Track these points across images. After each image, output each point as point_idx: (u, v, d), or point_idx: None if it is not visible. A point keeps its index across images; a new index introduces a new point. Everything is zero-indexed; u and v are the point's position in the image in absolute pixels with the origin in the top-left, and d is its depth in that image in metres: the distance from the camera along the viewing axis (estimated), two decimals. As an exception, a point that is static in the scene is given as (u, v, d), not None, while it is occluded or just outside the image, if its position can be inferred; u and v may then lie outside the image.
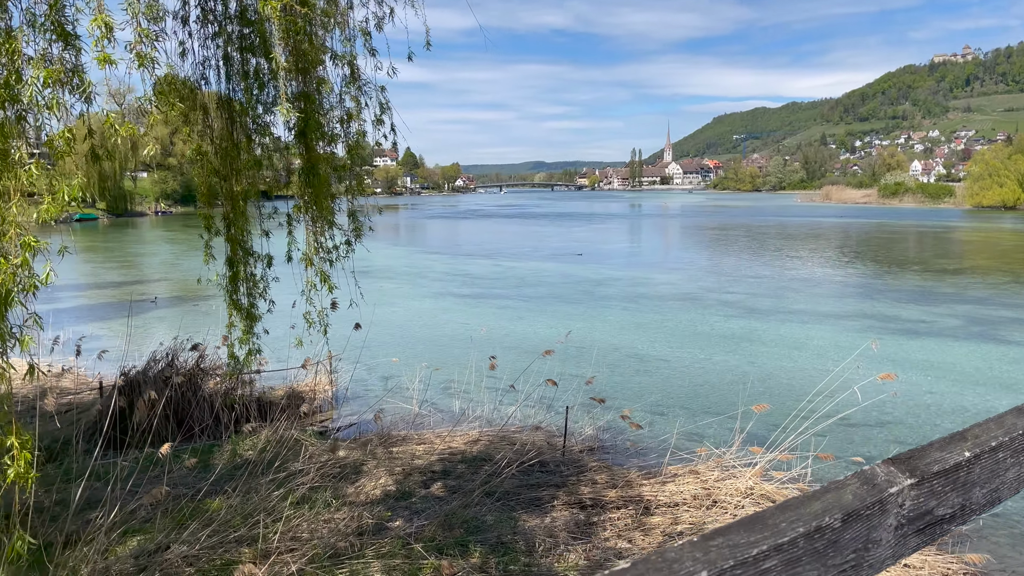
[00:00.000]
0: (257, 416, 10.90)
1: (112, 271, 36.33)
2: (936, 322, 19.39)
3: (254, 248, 5.11)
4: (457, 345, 17.19)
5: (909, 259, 36.53)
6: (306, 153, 4.39)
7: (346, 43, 4.33)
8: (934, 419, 11.74)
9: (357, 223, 5.18)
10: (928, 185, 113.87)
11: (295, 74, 4.05)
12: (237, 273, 4.86)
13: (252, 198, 4.96)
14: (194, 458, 8.83)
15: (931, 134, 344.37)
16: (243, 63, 4.14)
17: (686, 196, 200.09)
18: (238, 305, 5.01)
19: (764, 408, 8.11)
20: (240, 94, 4.74)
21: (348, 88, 4.64)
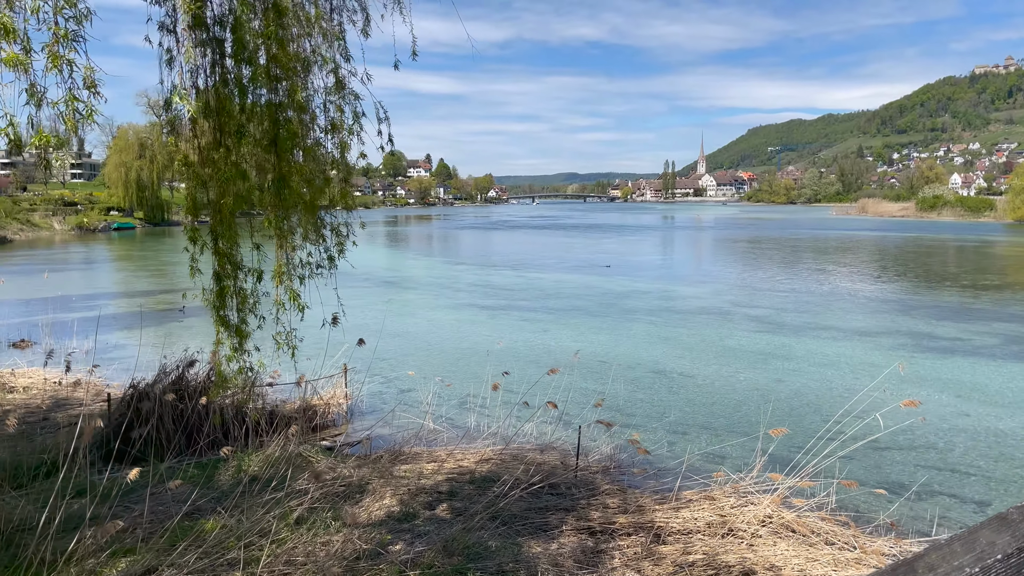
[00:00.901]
0: (268, 430, 10.77)
1: (143, 280, 36.78)
2: (972, 340, 18.72)
3: (244, 262, 4.90)
4: (476, 358, 16.97)
5: (946, 274, 35.57)
6: (277, 164, 4.18)
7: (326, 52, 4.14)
8: (967, 444, 11.22)
9: (340, 238, 4.96)
10: (968, 198, 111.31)
11: (267, 82, 3.88)
12: (224, 288, 4.68)
13: (242, 209, 4.75)
14: (199, 473, 8.69)
15: (971, 146, 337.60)
16: (223, 70, 3.97)
17: (719, 208, 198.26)
18: (226, 321, 4.82)
19: (782, 432, 7.73)
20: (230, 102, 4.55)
21: (333, 97, 4.45)
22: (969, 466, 10.33)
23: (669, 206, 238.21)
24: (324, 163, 4.77)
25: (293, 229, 4.75)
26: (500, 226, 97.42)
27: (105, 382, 14.24)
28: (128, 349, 17.92)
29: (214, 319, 4.85)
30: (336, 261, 5.16)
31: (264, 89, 3.95)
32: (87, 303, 26.51)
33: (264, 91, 3.93)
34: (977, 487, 9.61)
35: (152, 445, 9.49)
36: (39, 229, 73.14)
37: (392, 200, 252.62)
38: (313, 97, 4.49)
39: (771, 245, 57.33)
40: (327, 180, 4.81)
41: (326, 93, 4.57)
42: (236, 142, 4.15)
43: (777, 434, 7.62)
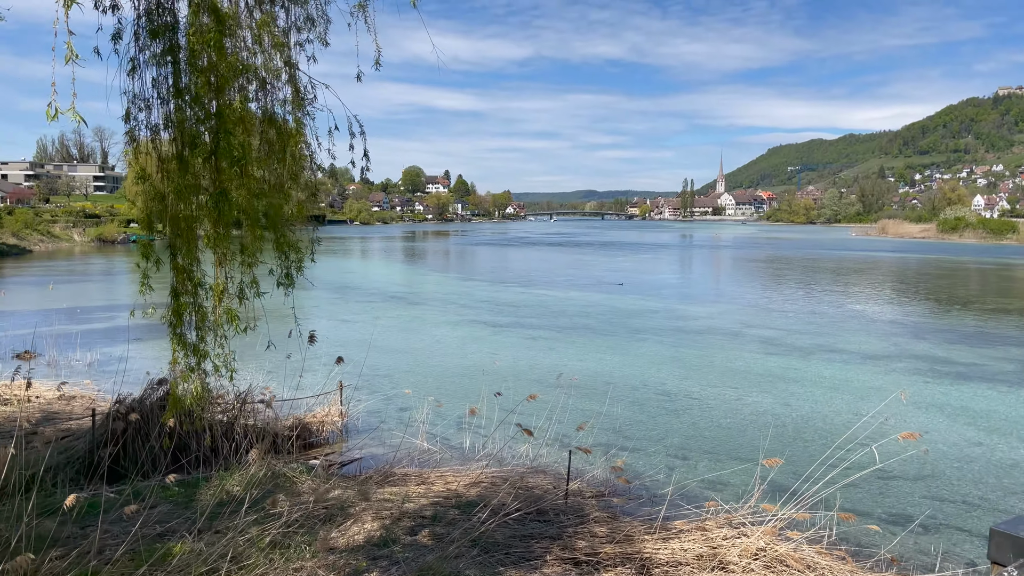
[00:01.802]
0: (259, 448, 10.61)
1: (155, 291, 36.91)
2: (988, 366, 18.25)
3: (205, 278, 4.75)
4: (477, 376, 16.75)
5: (963, 297, 34.96)
6: (216, 177, 4.03)
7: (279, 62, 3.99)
8: (978, 474, 10.83)
9: (298, 255, 4.79)
10: (990, 220, 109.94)
11: (207, 91, 3.74)
12: (182, 305, 4.51)
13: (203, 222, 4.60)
14: (181, 492, 8.53)
15: (995, 168, 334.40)
16: (176, 78, 3.83)
17: (738, 227, 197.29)
18: (183, 340, 4.66)
19: (777, 463, 7.44)
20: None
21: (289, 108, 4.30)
22: (978, 498, 9.96)
23: (687, 224, 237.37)
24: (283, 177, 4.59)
25: (249, 247, 4.57)
26: (515, 243, 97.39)
27: (103, 395, 14.16)
28: (132, 362, 17.86)
29: (170, 337, 4.69)
30: (295, 279, 4.96)
31: (205, 98, 3.80)
32: (96, 314, 26.62)
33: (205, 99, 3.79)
34: (986, 520, 9.24)
35: (137, 462, 9.36)
36: (59, 240, 73.96)
37: (410, 215, 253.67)
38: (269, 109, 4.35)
39: (787, 265, 56.78)
40: (286, 195, 4.62)
41: (282, 104, 4.43)
42: (192, 154, 4.00)
43: (772, 464, 7.33)
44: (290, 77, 4.13)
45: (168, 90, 3.90)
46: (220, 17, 3.36)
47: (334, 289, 37.24)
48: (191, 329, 4.56)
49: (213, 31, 3.32)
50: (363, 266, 57.10)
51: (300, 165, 4.42)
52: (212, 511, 7.55)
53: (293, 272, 4.69)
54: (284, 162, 4.34)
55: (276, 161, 4.35)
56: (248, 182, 4.12)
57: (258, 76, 4.02)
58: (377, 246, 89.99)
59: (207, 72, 3.61)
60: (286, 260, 4.62)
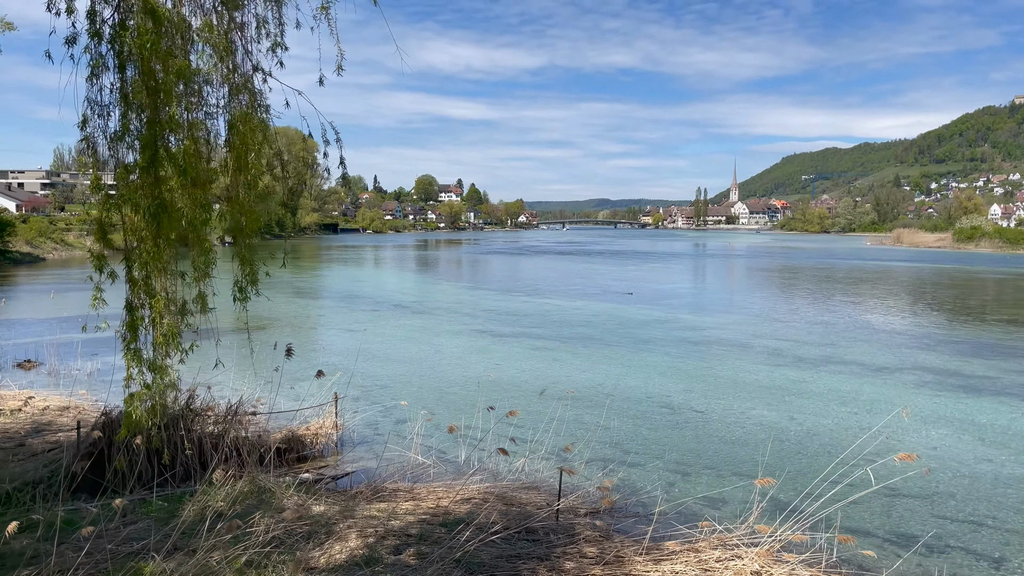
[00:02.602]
0: (250, 462, 10.44)
1: (165, 300, 36.99)
2: (1001, 379, 17.85)
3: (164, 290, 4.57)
4: (479, 388, 16.53)
5: (978, 308, 34.41)
6: (154, 188, 3.85)
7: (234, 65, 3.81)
8: (987, 492, 10.49)
9: (251, 269, 4.61)
10: (1006, 230, 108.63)
11: (145, 98, 3.56)
12: (137, 319, 4.33)
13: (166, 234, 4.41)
14: (164, 507, 8.36)
15: (1012, 177, 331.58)
16: (123, 85, 3.68)
17: (752, 236, 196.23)
18: (138, 356, 4.48)
19: (770, 483, 7.18)
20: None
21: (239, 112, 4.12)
22: (986, 517, 9.63)
23: (700, 233, 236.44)
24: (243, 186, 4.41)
25: (198, 260, 4.39)
26: (527, 251, 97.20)
27: (99, 405, 14.04)
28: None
29: (124, 353, 4.51)
30: (247, 293, 4.77)
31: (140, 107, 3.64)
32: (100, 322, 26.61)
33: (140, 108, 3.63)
34: (994, 541, 8.93)
35: (123, 475, 9.19)
36: (73, 248, 74.40)
37: (423, 224, 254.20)
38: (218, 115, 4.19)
39: (800, 275, 56.26)
40: (240, 206, 4.44)
41: (248, 111, 4.25)
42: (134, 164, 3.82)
43: (765, 484, 7.07)
44: (244, 84, 3.95)
45: (116, 96, 3.73)
46: (157, 18, 3.18)
47: (341, 298, 37.17)
48: (147, 344, 4.37)
49: (150, 33, 3.15)
50: (372, 275, 57.08)
51: (260, 174, 4.20)
52: (190, 528, 7.37)
53: (247, 286, 4.47)
54: (245, 171, 4.14)
55: (237, 171, 4.15)
56: (195, 193, 3.92)
57: (210, 81, 3.84)
58: (388, 255, 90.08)
59: (147, 77, 3.44)
60: (245, 273, 4.41)
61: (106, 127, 4.16)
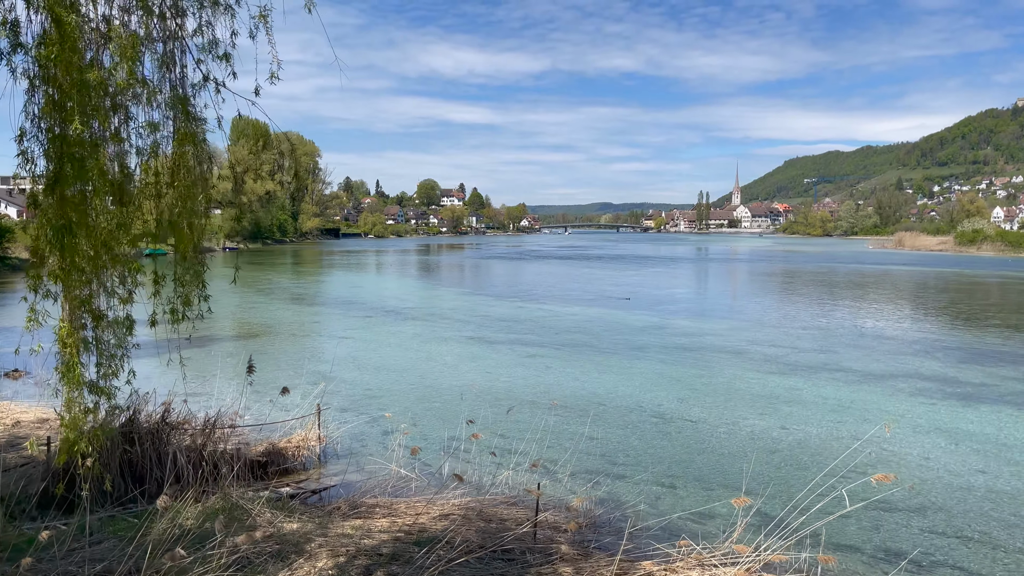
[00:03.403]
0: (228, 475, 10.25)
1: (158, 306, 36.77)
2: (998, 387, 17.61)
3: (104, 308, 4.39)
4: (467, 399, 16.34)
5: (977, 313, 34.14)
6: (58, 207, 3.66)
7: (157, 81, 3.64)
8: (980, 506, 10.26)
9: (186, 288, 4.42)
10: (1008, 233, 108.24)
11: (50, 109, 3.39)
12: (76, 341, 4.15)
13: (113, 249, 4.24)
14: (135, 524, 8.16)
15: (1015, 179, 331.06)
16: (48, 97, 3.50)
17: (754, 239, 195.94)
18: (79, 378, 4.30)
19: (745, 502, 6.98)
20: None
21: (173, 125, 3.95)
22: (978, 532, 9.41)
23: (702, 237, 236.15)
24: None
25: (98, 277, 4.19)
26: (527, 256, 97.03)
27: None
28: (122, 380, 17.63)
29: (63, 376, 4.33)
30: (180, 315, 4.59)
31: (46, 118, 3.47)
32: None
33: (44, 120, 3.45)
34: (985, 557, 8.70)
35: (94, 492, 9.00)
36: (73, 254, 74.19)
37: (425, 229, 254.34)
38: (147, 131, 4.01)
39: (800, 279, 56.01)
40: (173, 224, 4.26)
41: (151, 128, 4.07)
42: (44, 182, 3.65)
43: (740, 504, 6.86)
44: (174, 97, 3.77)
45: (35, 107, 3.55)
46: (63, 27, 3.01)
47: (337, 304, 37.01)
48: (89, 367, 4.19)
49: (54, 44, 2.98)
50: (370, 280, 56.92)
51: (196, 191, 4.02)
52: (156, 547, 7.17)
53: (179, 307, 4.29)
54: (177, 187, 3.96)
55: (166, 186, 3.97)
56: (118, 212, 3.74)
57: (142, 96, 3.66)
58: (388, 260, 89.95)
59: (54, 87, 3.26)
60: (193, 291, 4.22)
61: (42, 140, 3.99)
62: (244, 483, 10.31)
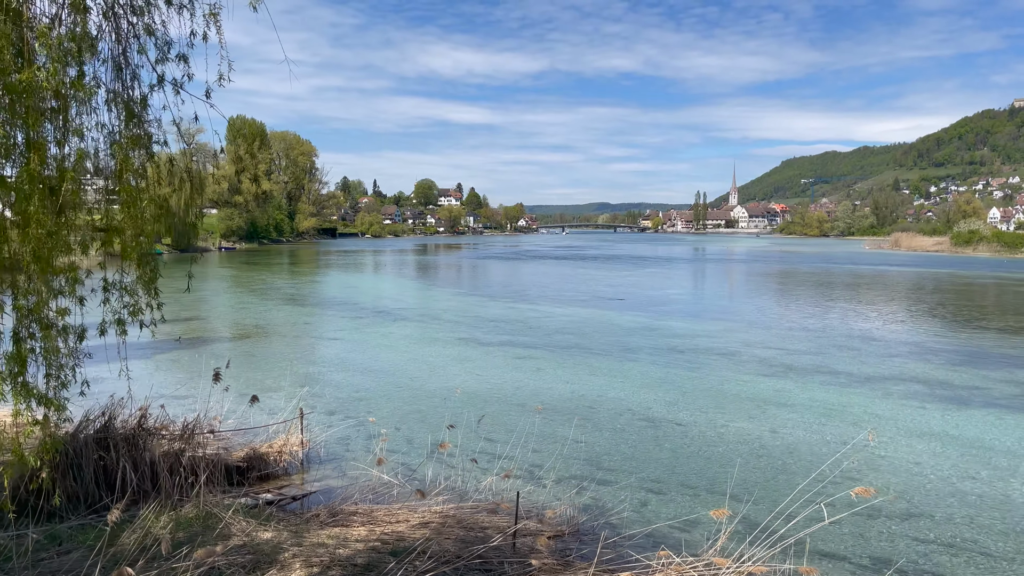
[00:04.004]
0: (208, 482, 10.10)
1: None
2: (990, 390, 17.50)
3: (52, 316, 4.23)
4: (455, 401, 16.20)
5: (971, 315, 34.05)
6: None
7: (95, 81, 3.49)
8: (969, 513, 10.14)
9: (134, 298, 4.27)
10: (1004, 233, 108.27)
11: None
12: (23, 351, 4.01)
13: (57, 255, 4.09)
14: (105, 534, 8.00)
15: (1011, 180, 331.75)
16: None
17: (751, 240, 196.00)
18: (27, 389, 4.15)
19: (725, 514, 6.84)
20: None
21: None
22: (967, 540, 9.28)
23: (700, 237, 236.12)
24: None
25: (42, 280, 4.04)
26: (523, 256, 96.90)
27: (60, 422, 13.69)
28: (103, 384, 17.44)
29: (11, 387, 4.18)
30: (125, 325, 4.44)
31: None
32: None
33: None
34: (974, 566, 8.57)
35: (67, 499, 8.85)
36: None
37: (422, 228, 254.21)
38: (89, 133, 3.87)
39: (795, 280, 55.93)
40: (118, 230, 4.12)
41: (101, 129, 3.94)
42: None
43: (718, 515, 6.72)
44: (115, 97, 3.62)
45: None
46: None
47: (330, 305, 36.84)
48: (39, 377, 4.05)
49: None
50: (364, 280, 56.73)
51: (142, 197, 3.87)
52: (130, 557, 7.03)
53: (125, 316, 4.14)
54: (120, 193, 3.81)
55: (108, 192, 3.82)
56: (45, 219, 3.59)
57: (75, 97, 3.51)
58: (383, 260, 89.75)
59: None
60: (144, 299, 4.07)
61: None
62: (223, 489, 10.17)
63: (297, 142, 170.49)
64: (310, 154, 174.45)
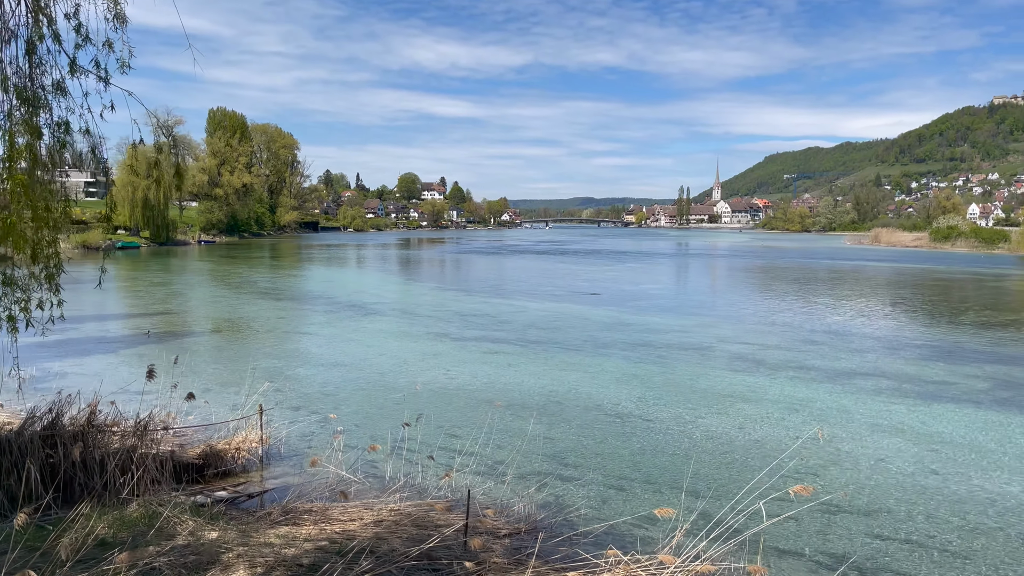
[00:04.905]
0: (160, 480, 9.92)
1: (124, 301, 36.17)
2: (959, 384, 17.58)
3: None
4: (423, 396, 16.06)
5: (945, 310, 34.29)
6: None
7: None
8: (930, 508, 10.13)
9: (24, 293, 4.10)
10: (982, 229, 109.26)
11: None
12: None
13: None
14: (44, 534, 7.80)
15: (990, 176, 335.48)
16: None
17: (733, 235, 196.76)
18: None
19: (668, 513, 6.76)
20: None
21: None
22: (926, 536, 9.26)
23: (683, 232, 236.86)
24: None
25: None
26: (505, 251, 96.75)
27: (20, 416, 13.42)
28: (69, 378, 17.16)
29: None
30: (16, 321, 4.28)
31: None
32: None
33: None
34: (932, 563, 8.55)
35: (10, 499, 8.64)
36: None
37: (405, 223, 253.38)
38: None
39: (774, 275, 56.15)
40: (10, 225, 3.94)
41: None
42: None
43: (664, 514, 6.64)
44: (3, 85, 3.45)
45: None
46: None
47: (306, 299, 36.56)
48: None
49: None
50: (343, 275, 56.39)
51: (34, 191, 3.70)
52: (70, 559, 6.84)
53: (15, 312, 3.98)
54: (11, 185, 3.64)
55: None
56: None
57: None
58: (364, 254, 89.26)
59: None
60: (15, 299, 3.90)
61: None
62: (177, 487, 9.99)
63: (279, 135, 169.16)
64: (292, 147, 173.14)
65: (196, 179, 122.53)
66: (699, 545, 7.13)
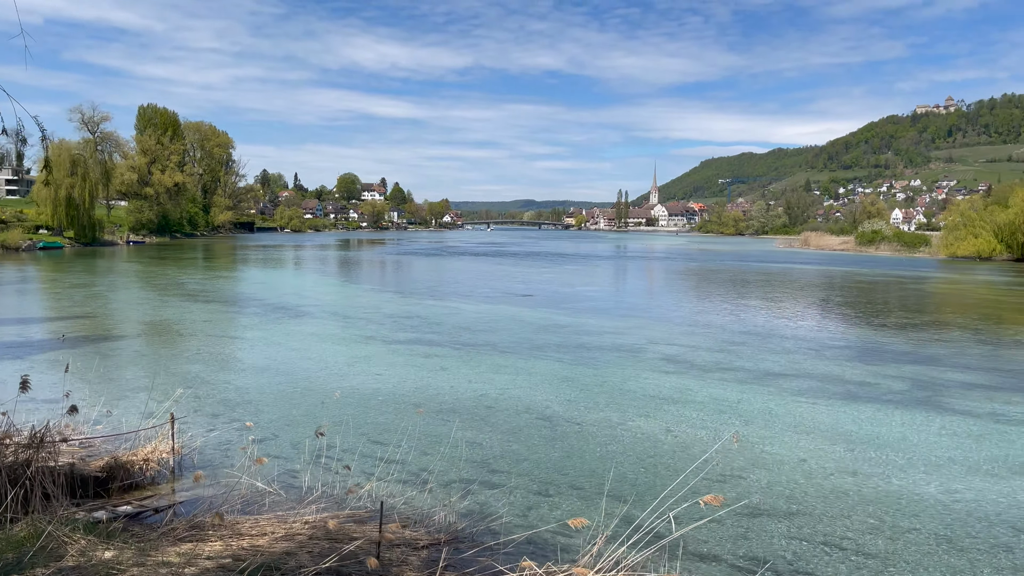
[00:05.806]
0: (56, 495, 9.33)
1: (41, 303, 34.57)
2: (880, 384, 18.01)
3: None
4: (350, 403, 15.65)
5: (869, 311, 35.32)
6: None
7: None
8: (848, 509, 10.25)
9: None
10: (904, 234, 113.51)
11: None
12: None
13: None
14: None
15: (913, 183, 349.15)
16: None
17: (670, 238, 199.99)
18: None
19: (583, 523, 6.61)
20: None
21: None
22: (841, 538, 9.34)
23: (621, 235, 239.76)
24: None
25: None
26: (445, 252, 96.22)
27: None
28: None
29: None
30: None
31: None
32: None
33: None
34: (848, 565, 8.61)
35: None
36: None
37: (344, 223, 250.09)
38: None
39: (708, 277, 57.11)
40: None
41: None
42: None
43: (577, 524, 6.49)
44: None
45: None
46: None
47: (233, 301, 35.53)
48: None
49: None
50: (276, 276, 55.11)
51: None
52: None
53: None
54: None
55: None
56: None
57: None
58: (301, 255, 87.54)
59: None
60: None
61: None
62: (75, 502, 9.43)
63: (213, 133, 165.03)
64: (227, 145, 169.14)
65: (125, 177, 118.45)
66: (618, 552, 7.01)
